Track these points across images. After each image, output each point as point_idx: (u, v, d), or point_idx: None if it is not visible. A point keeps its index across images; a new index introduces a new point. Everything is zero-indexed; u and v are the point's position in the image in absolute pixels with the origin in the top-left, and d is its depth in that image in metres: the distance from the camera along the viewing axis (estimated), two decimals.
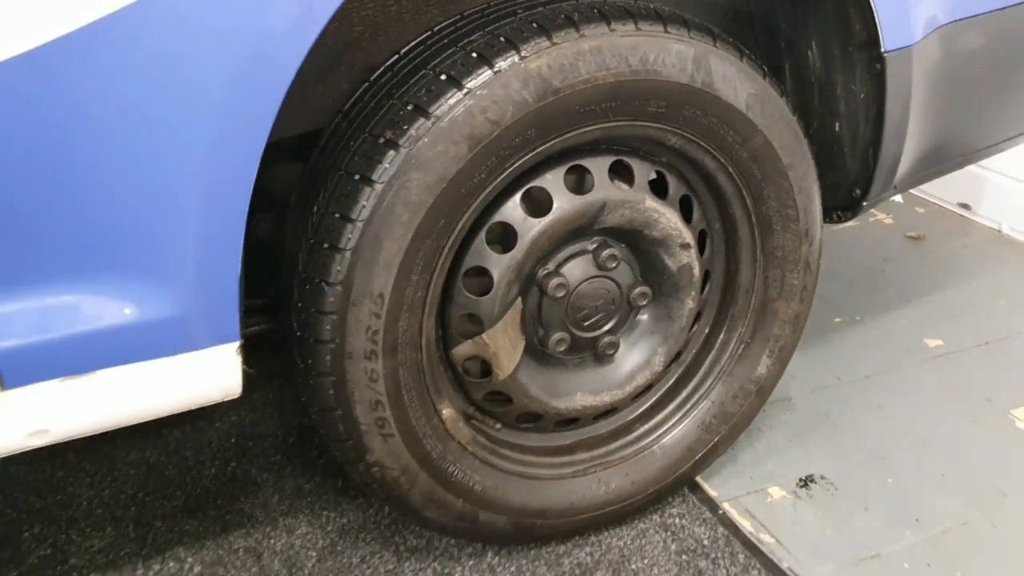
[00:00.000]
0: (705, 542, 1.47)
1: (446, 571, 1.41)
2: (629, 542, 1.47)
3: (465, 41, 1.17)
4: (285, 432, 1.71)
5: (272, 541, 1.47)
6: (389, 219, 1.13)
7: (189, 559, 1.44)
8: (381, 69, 1.25)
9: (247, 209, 1.05)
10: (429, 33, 1.25)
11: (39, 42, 0.90)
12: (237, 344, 1.13)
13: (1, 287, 0.99)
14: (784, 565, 1.43)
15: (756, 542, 1.47)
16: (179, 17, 0.93)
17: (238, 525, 1.50)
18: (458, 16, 1.25)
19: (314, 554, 1.45)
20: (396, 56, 1.25)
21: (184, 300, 1.07)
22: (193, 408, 1.18)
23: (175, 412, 1.16)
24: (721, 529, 1.49)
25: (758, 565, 1.42)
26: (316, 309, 1.17)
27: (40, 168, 0.95)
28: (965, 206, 2.67)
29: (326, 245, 1.15)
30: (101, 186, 0.98)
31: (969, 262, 2.36)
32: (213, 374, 1.14)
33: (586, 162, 1.28)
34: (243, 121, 1.00)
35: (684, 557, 1.44)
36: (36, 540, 1.48)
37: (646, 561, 1.43)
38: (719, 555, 1.44)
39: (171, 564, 1.43)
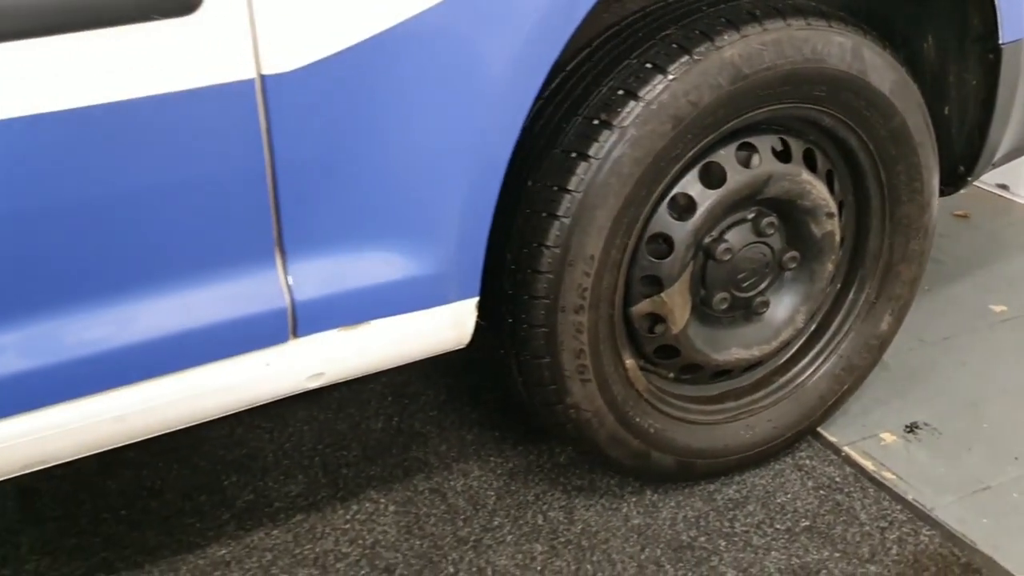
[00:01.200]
0: (836, 479, 1.65)
1: (612, 506, 1.59)
2: (770, 480, 1.65)
3: (662, 34, 1.34)
4: (435, 391, 1.87)
5: (452, 483, 1.64)
6: (604, 190, 1.31)
7: (382, 500, 1.61)
8: (575, 62, 1.42)
9: (501, 180, 1.23)
10: (616, 29, 1.42)
11: (376, 31, 1.06)
12: (476, 299, 1.31)
13: (316, 247, 1.16)
14: (909, 497, 1.62)
15: (880, 479, 1.66)
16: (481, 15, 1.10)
17: (417, 470, 1.67)
18: (641, 12, 1.42)
19: (492, 493, 1.62)
20: (588, 50, 1.42)
21: (445, 260, 1.24)
22: (431, 356, 1.35)
23: (418, 359, 1.34)
24: (847, 468, 1.68)
25: (887, 497, 1.61)
26: (532, 269, 1.34)
27: (363, 148, 1.12)
28: (1004, 187, 2.87)
29: (544, 214, 1.32)
30: (401, 161, 1.15)
31: (1016, 236, 2.57)
32: (455, 325, 1.31)
33: (753, 140, 1.46)
34: (510, 106, 1.18)
35: (821, 492, 1.62)
36: (237, 487, 1.64)
37: (789, 496, 1.62)
38: (851, 490, 1.63)
39: (367, 504, 1.60)
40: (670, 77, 1.30)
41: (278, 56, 1.04)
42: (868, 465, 1.69)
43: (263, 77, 1.04)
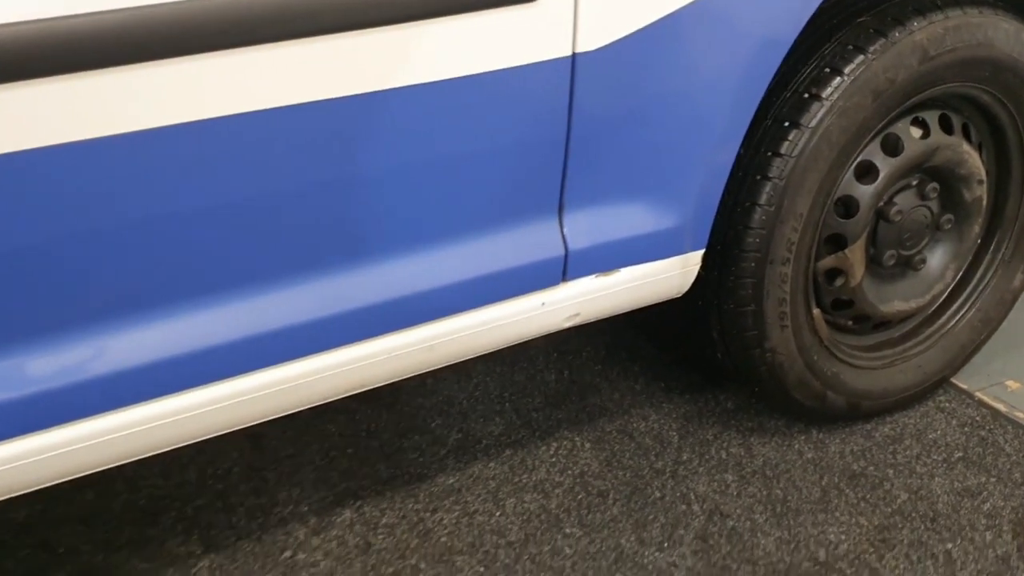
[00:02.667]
0: (976, 419, 1.86)
1: (785, 443, 1.79)
2: (919, 420, 1.85)
3: (857, 20, 1.53)
4: (594, 348, 2.06)
5: (635, 424, 1.83)
6: (814, 156, 1.50)
7: (576, 439, 1.80)
8: None
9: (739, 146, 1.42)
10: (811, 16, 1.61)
11: (665, 12, 1.25)
12: (703, 251, 1.50)
13: (588, 203, 1.35)
14: None
15: (1014, 418, 1.86)
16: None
17: (599, 415, 1.86)
18: (834, 1, 1.61)
19: (674, 433, 1.81)
20: None
21: (685, 216, 1.43)
22: (656, 302, 1.54)
23: (646, 304, 1.53)
24: (983, 409, 1.88)
25: None
26: (744, 226, 1.53)
27: (639, 118, 1.30)
28: None
29: (758, 176, 1.51)
30: (667, 130, 1.34)
31: None
32: (683, 275, 1.50)
33: (924, 114, 1.65)
34: (756, 81, 1.37)
35: (966, 429, 1.83)
36: (444, 428, 1.82)
37: (938, 432, 1.82)
38: (991, 427, 1.83)
39: (564, 443, 1.79)
40: (871, 56, 1.49)
41: (588, 37, 1.22)
42: (1001, 407, 1.89)
43: (575, 55, 1.22)
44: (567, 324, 1.45)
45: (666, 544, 1.57)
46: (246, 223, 1.15)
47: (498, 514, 1.62)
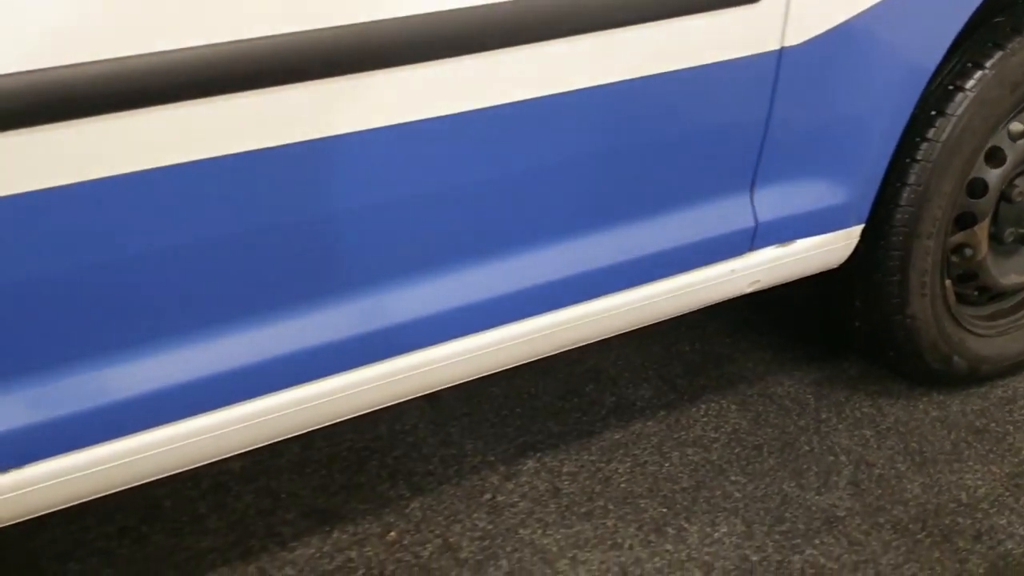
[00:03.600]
0: None
1: (911, 404, 1.97)
2: None
3: (993, 20, 1.72)
4: (719, 323, 2.24)
5: (772, 389, 2.01)
6: (959, 141, 1.69)
7: (722, 401, 1.98)
8: None
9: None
10: None
11: (862, 8, 1.43)
12: (863, 226, 1.68)
13: (776, 179, 1.53)
14: None
15: None
16: None
17: (738, 380, 2.04)
18: None
19: (810, 396, 2.00)
20: None
21: (854, 193, 1.62)
22: (818, 272, 1.72)
23: (810, 274, 1.71)
24: None
25: None
26: (895, 204, 1.72)
27: (829, 105, 1.49)
28: None
29: (908, 159, 1.70)
30: (850, 115, 1.52)
31: None
32: (845, 248, 1.69)
33: None
34: (924, 71, 1.55)
35: None
36: (598, 392, 2.00)
37: None
38: None
39: (712, 405, 1.97)
40: (1008, 51, 1.68)
41: (795, 32, 1.41)
42: None
43: (782, 48, 1.41)
44: (748, 290, 1.63)
45: (823, 489, 1.75)
46: (485, 198, 1.33)
47: (667, 465, 1.80)
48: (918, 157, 1.69)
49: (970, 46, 1.70)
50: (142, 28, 1.00)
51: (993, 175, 1.80)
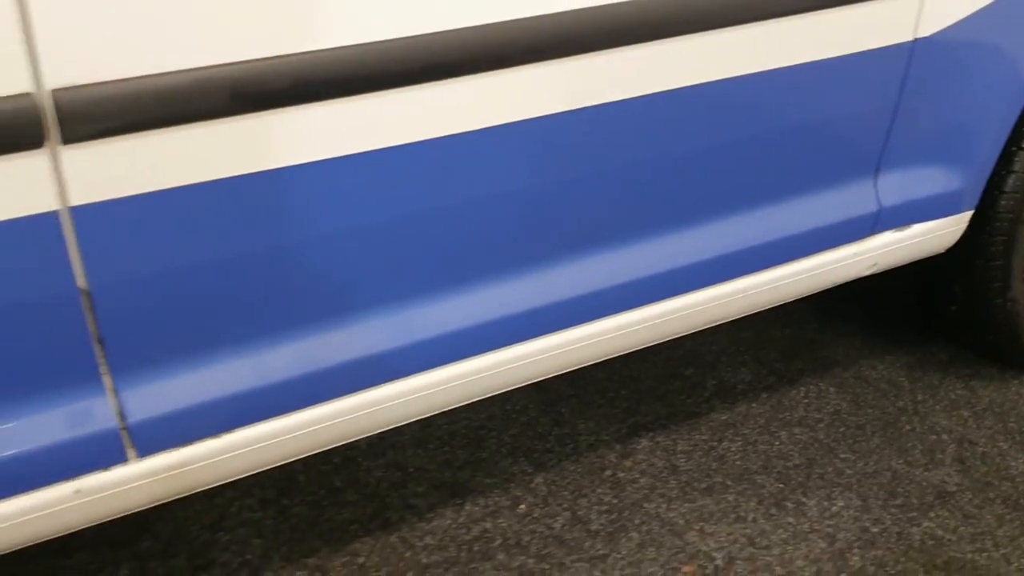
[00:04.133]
0: None
1: (1003, 386, 2.03)
2: None
3: None
4: (804, 311, 2.31)
5: (866, 372, 2.08)
6: None
7: (820, 384, 2.04)
8: None
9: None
10: None
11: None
12: (972, 212, 1.75)
13: (897, 166, 1.59)
14: None
15: None
16: None
17: (833, 365, 2.10)
18: None
19: (903, 379, 2.06)
20: None
21: (967, 180, 1.68)
22: (926, 256, 1.79)
23: (920, 258, 1.77)
24: None
25: None
26: (1000, 190, 1.78)
27: (951, 94, 1.55)
28: None
29: (1014, 147, 1.76)
30: (971, 105, 1.58)
31: None
32: (955, 233, 1.75)
33: None
34: None
35: None
36: (699, 375, 2.07)
37: None
38: None
39: (811, 387, 2.03)
40: None
41: (927, 24, 1.48)
42: None
43: (915, 40, 1.48)
44: (866, 272, 1.69)
45: (931, 466, 1.81)
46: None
47: (776, 443, 1.87)
48: (1016, 168, 1.75)
49: None
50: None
51: None
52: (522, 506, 1.71)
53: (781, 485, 1.76)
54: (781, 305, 2.31)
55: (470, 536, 1.65)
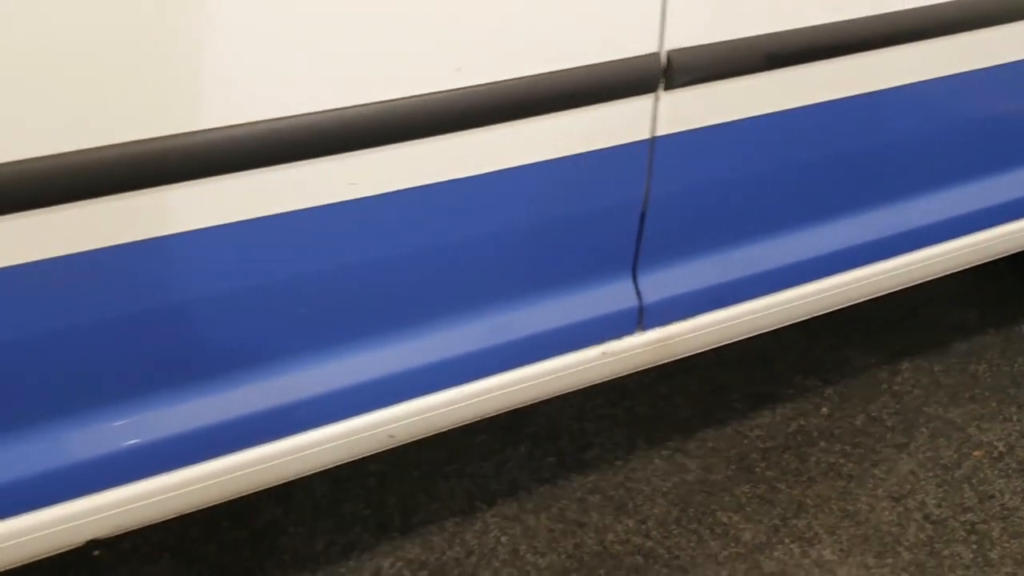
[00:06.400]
0: None
1: None
2: None
3: None
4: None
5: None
6: None
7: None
8: None
9: None
10: None
11: None
12: None
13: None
14: None
15: None
16: None
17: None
18: None
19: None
20: None
21: None
22: None
23: None
24: None
25: None
26: None
27: None
28: None
29: None
30: None
31: None
32: None
33: None
34: None
35: None
36: (937, 312, 2.44)
37: None
38: None
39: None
40: None
41: None
42: None
43: None
44: None
45: None
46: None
47: (1016, 366, 2.24)
48: None
49: None
50: None
51: None
52: (824, 409, 2.09)
53: None
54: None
55: (790, 430, 2.03)
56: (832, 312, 2.39)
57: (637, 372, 1.69)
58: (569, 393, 1.63)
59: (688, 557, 1.74)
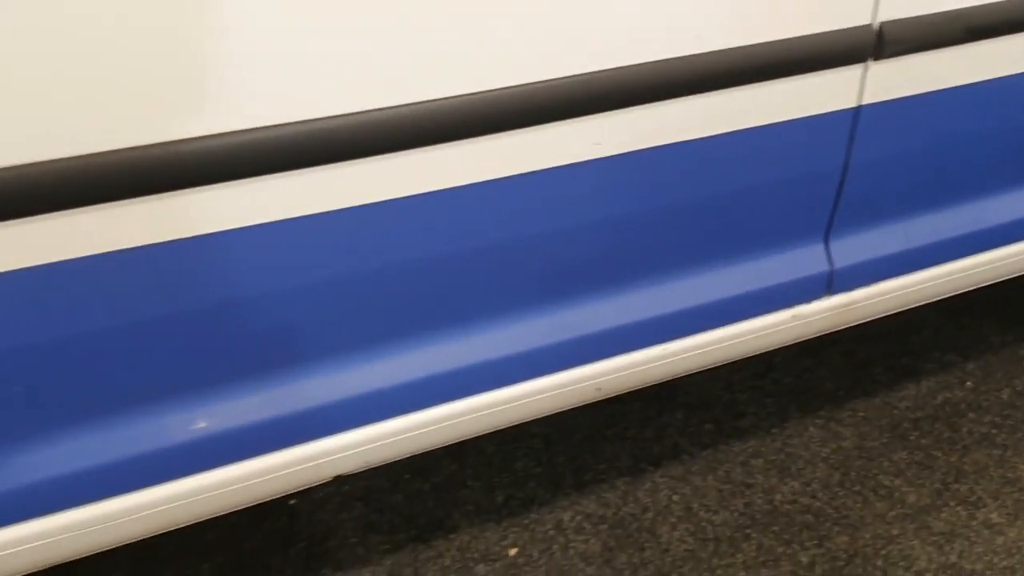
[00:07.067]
0: None
1: None
2: None
3: None
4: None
5: None
6: None
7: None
8: None
9: None
10: None
11: None
12: None
13: None
14: None
15: None
16: None
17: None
18: None
19: None
20: None
21: None
22: None
23: None
24: None
25: None
26: None
27: None
28: None
29: None
30: None
31: None
32: None
33: None
34: None
35: None
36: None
37: None
38: None
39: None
40: None
41: None
42: None
43: None
44: None
45: None
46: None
47: None
48: None
49: None
50: None
51: None
52: (968, 383, 2.15)
53: None
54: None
55: (937, 402, 2.09)
56: (963, 293, 2.46)
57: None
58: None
59: (857, 516, 1.80)
